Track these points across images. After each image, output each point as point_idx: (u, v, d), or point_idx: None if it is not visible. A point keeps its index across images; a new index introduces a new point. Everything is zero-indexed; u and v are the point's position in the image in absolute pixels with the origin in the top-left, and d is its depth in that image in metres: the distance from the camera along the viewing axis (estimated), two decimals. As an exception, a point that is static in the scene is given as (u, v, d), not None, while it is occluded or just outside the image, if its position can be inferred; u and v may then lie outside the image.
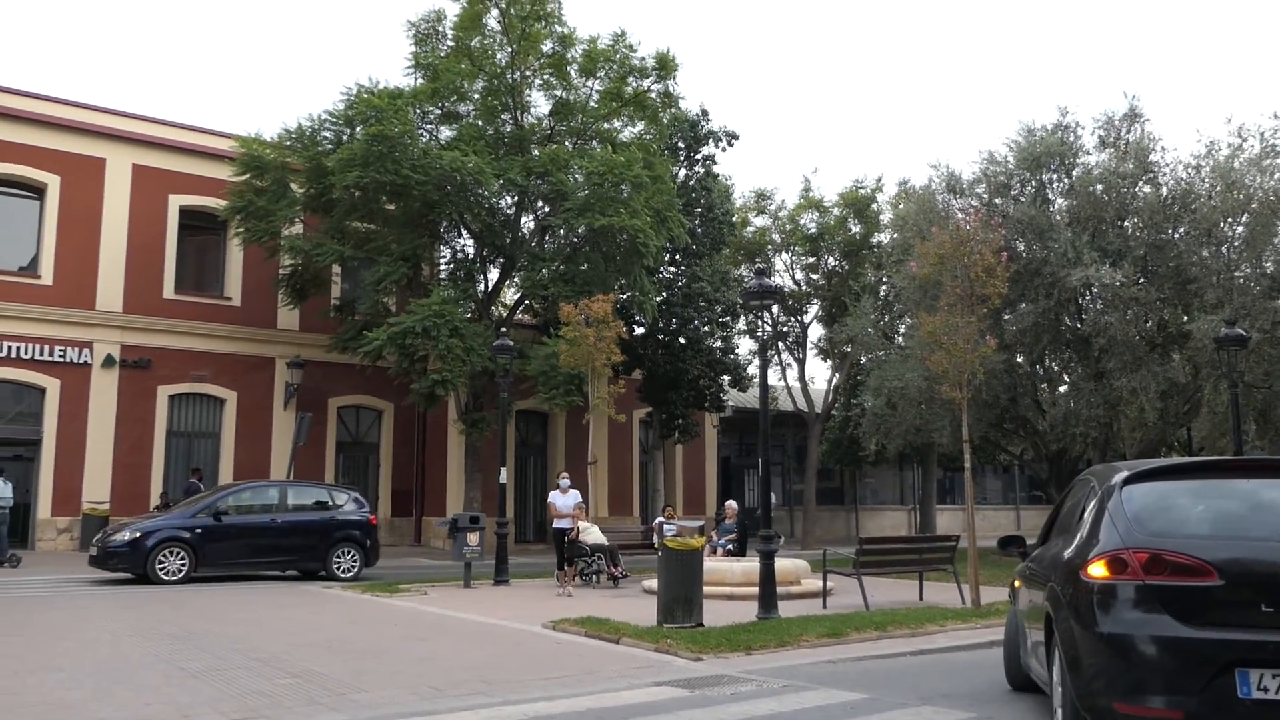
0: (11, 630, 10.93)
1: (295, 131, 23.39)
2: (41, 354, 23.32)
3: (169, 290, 25.25)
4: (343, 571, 17.94)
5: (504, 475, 18.35)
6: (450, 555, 20.09)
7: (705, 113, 29.00)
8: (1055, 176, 23.07)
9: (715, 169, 29.23)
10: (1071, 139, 22.82)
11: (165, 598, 14.48)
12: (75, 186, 24.20)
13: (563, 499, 17.55)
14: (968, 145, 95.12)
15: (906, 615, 11.94)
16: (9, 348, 22.92)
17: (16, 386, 23.28)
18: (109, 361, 24.08)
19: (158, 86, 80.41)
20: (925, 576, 15.16)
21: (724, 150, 29.32)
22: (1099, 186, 21.92)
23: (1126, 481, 5.92)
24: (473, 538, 17.17)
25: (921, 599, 14.38)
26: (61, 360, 23.55)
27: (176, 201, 25.54)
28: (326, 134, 23.44)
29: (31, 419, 23.37)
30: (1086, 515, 6.10)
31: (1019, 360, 23.61)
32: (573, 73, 25.01)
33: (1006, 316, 22.22)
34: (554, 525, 17.55)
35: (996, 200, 23.13)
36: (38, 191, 24.02)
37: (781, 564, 13.47)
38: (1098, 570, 5.50)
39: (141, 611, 12.72)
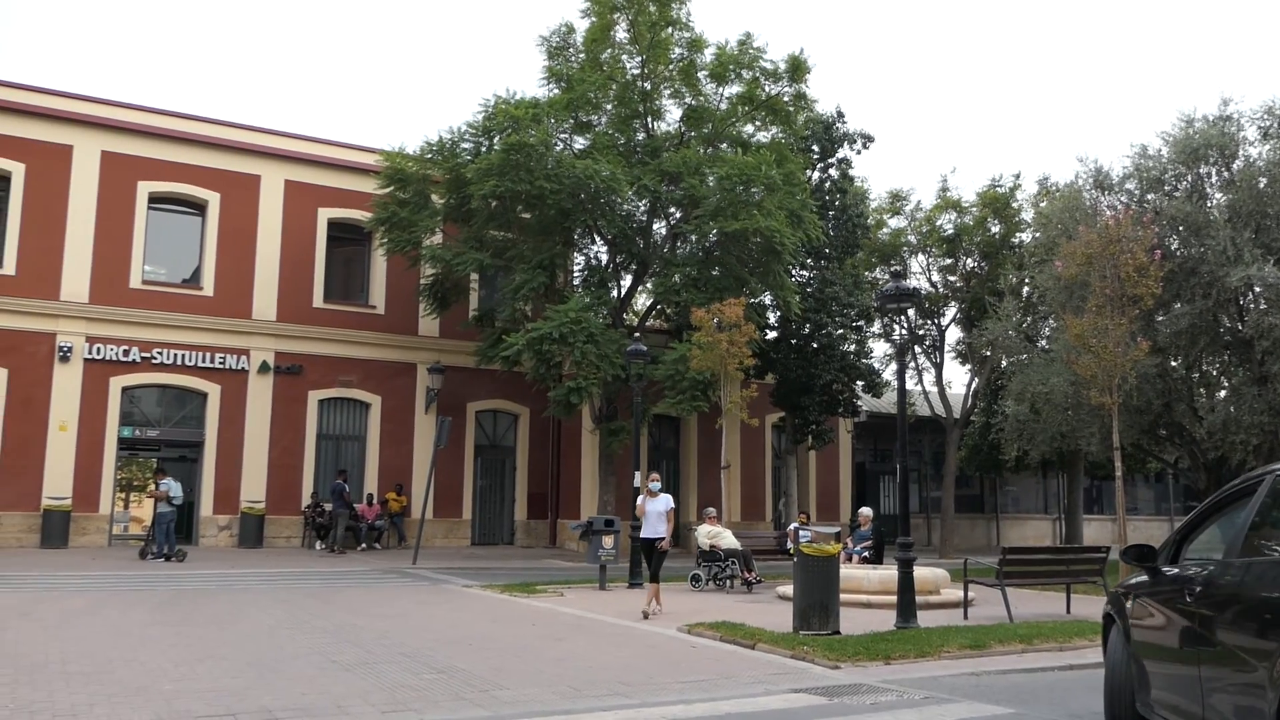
0: (180, 621, 11.62)
1: (436, 144, 24.03)
2: (204, 361, 24.73)
3: (318, 299, 26.44)
4: None
5: (638, 479, 18.50)
6: (585, 558, 20.40)
7: (840, 114, 28.60)
8: (1213, 170, 21.87)
9: (850, 171, 28.84)
10: (1233, 130, 21.58)
11: (315, 593, 15.14)
12: (233, 202, 25.60)
13: (652, 502, 14.18)
14: (1110, 140, 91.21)
15: (1053, 628, 11.52)
16: (175, 355, 24.39)
17: (181, 392, 24.78)
18: (264, 368, 25.37)
19: (307, 105, 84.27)
20: (1073, 589, 14.61)
21: (859, 153, 28.89)
22: (1262, 180, 20.65)
23: None
24: (607, 540, 17.35)
25: (1069, 612, 13.86)
26: (221, 367, 24.93)
27: (325, 215, 26.74)
28: (466, 145, 23.99)
29: (194, 422, 24.83)
30: None
31: (1173, 364, 22.46)
32: (702, 78, 25.02)
33: (1160, 318, 21.17)
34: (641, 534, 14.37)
35: (1149, 196, 22.07)
36: (200, 208, 25.50)
37: (920, 573, 13.18)
38: None
39: (293, 605, 13.34)
